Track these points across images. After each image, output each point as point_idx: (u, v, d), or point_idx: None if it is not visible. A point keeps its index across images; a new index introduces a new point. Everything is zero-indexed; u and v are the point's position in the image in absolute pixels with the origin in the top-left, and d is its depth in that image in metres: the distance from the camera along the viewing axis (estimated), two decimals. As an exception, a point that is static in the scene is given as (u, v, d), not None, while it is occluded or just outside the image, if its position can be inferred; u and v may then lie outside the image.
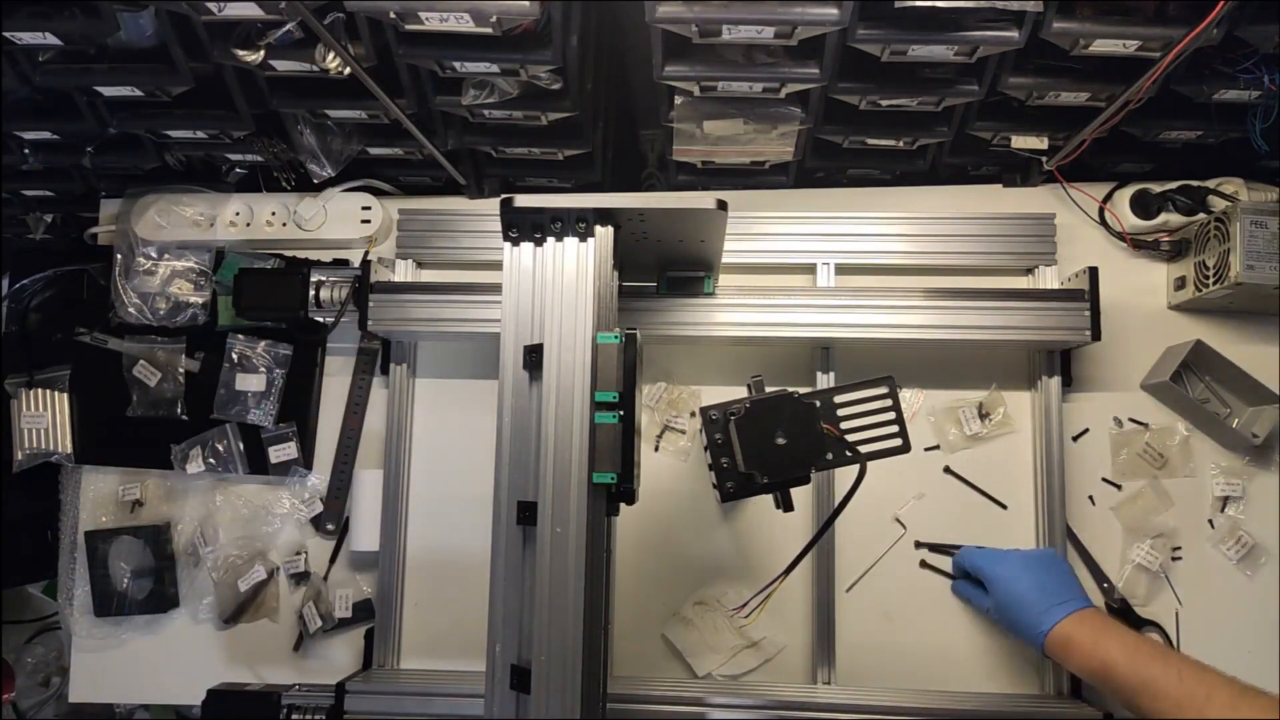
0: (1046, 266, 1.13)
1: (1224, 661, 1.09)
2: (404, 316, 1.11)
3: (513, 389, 0.83)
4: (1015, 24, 0.89)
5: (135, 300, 1.23)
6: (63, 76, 1.03)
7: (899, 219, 1.14)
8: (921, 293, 1.07)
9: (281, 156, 1.19)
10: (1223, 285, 1.05)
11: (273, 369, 1.22)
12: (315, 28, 0.89)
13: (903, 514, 1.13)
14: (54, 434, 1.24)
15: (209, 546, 1.20)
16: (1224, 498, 1.12)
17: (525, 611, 0.79)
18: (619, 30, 1.22)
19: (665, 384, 1.18)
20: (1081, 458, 1.13)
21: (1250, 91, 0.99)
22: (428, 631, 1.16)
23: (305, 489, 1.21)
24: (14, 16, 0.93)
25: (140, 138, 1.17)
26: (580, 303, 0.82)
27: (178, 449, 1.21)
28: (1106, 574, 1.11)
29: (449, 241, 1.18)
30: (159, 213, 1.24)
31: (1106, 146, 1.12)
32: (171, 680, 1.20)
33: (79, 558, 1.22)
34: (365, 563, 1.18)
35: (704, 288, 1.08)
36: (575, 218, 0.83)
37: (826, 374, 1.12)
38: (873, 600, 1.12)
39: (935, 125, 1.10)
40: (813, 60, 0.97)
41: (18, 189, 1.31)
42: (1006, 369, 1.15)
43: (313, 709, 1.04)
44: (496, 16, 0.88)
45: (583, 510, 0.78)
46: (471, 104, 1.04)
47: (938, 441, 1.15)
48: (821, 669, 1.09)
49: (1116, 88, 0.99)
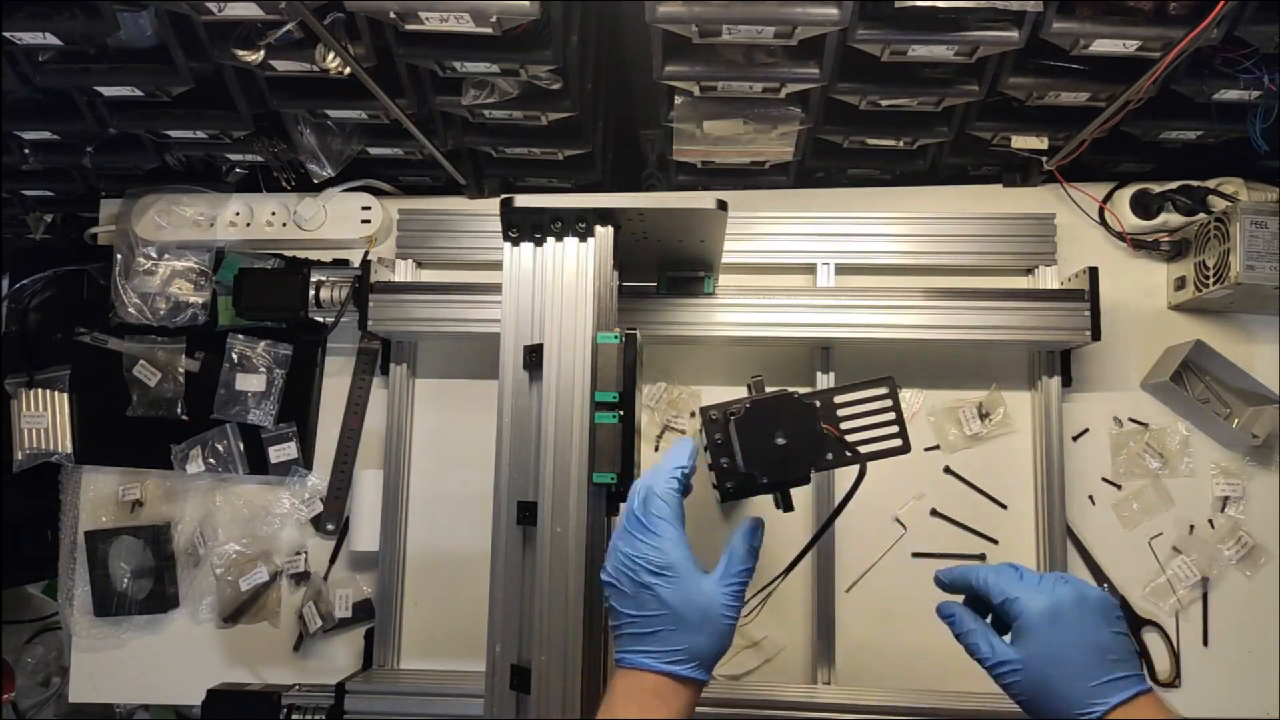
0: (1046, 266, 1.13)
1: (1224, 661, 1.09)
2: (404, 316, 1.11)
3: (513, 389, 0.83)
4: (1015, 24, 0.89)
5: (135, 300, 1.23)
6: (63, 76, 1.03)
7: (899, 219, 1.14)
8: (921, 293, 1.07)
9: (281, 156, 1.19)
10: (1223, 285, 1.05)
11: (273, 369, 1.22)
12: (315, 28, 0.89)
13: (903, 514, 1.13)
14: (54, 434, 1.24)
15: (211, 545, 1.20)
16: (1224, 498, 1.12)
17: (525, 611, 0.79)
18: (619, 30, 1.22)
19: (665, 384, 1.18)
20: (1081, 457, 1.13)
21: (1250, 91, 0.99)
22: (428, 631, 1.16)
23: (305, 489, 1.21)
24: (14, 16, 0.93)
25: (140, 138, 1.17)
26: (580, 303, 0.82)
27: (178, 449, 1.21)
28: (1107, 574, 1.11)
29: (449, 241, 1.18)
30: (159, 213, 1.24)
31: (1106, 146, 1.12)
32: (171, 680, 1.20)
33: (79, 558, 1.22)
34: (365, 563, 1.18)
35: (704, 288, 1.08)
36: (575, 218, 0.83)
37: (826, 374, 1.12)
38: (873, 600, 1.12)
39: (935, 125, 1.10)
40: (813, 60, 0.97)
41: (18, 189, 1.31)
42: (1006, 369, 1.15)
43: (313, 709, 1.04)
44: (496, 16, 0.88)
45: (583, 510, 0.78)
46: (471, 104, 1.04)
47: (938, 441, 1.15)
48: (821, 669, 1.09)
49: (1116, 88, 0.99)
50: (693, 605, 0.68)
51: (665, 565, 0.69)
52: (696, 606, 0.69)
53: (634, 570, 0.69)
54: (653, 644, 0.68)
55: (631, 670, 0.69)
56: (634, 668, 0.69)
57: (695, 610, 0.68)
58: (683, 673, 0.68)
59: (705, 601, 0.69)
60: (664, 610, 0.68)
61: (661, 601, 0.68)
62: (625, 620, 0.70)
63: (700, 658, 0.69)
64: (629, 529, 0.71)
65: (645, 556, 0.69)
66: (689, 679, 0.68)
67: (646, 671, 0.68)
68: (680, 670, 0.68)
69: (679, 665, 0.68)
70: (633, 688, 0.69)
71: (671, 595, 0.68)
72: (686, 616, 0.68)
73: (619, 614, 0.70)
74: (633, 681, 0.69)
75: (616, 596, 0.70)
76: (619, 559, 0.70)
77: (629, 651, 0.69)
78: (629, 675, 0.69)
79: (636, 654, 0.69)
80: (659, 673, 0.68)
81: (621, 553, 0.70)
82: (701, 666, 0.69)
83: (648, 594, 0.69)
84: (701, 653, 0.69)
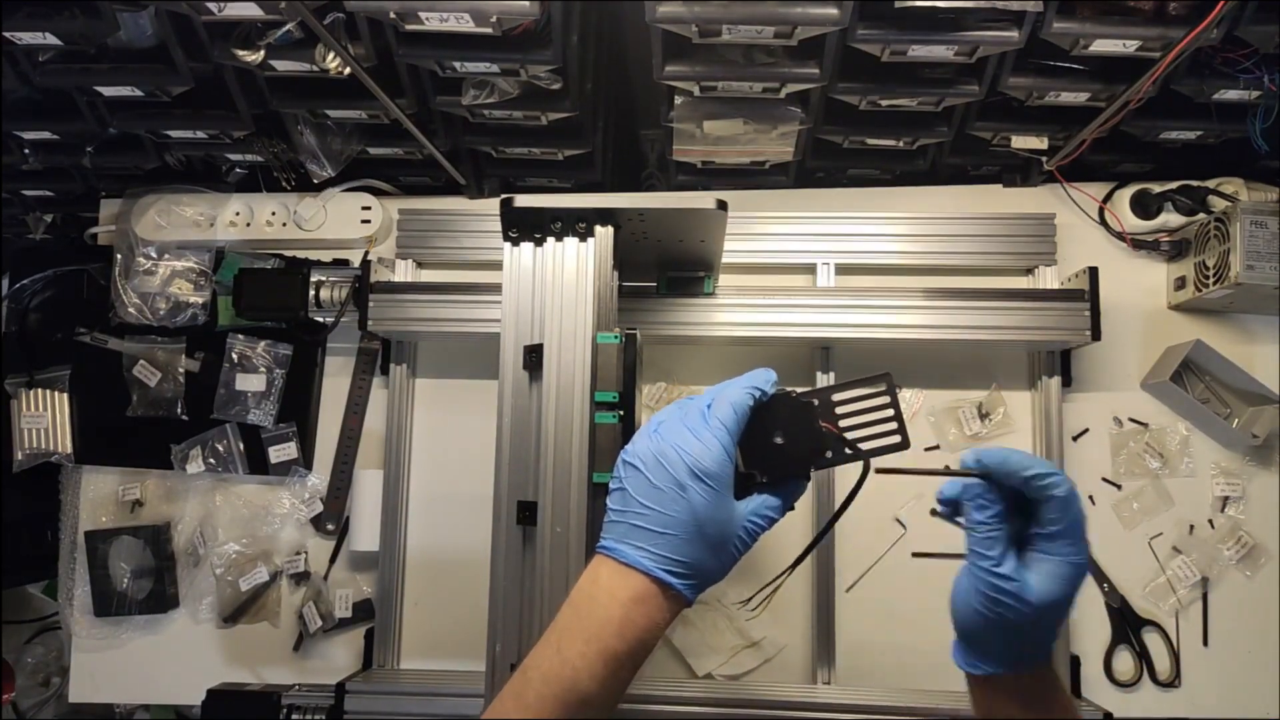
0: (1046, 266, 1.13)
1: (1224, 661, 1.09)
2: (404, 316, 1.11)
3: (513, 389, 0.83)
4: (1015, 24, 0.89)
5: (135, 300, 1.23)
6: (63, 76, 1.03)
7: (899, 219, 1.14)
8: (921, 293, 1.07)
9: (281, 156, 1.19)
10: (1223, 285, 1.05)
11: (273, 369, 1.22)
12: (315, 28, 0.89)
13: (903, 514, 1.13)
14: (54, 434, 1.24)
15: (211, 545, 1.20)
16: (1224, 498, 1.12)
17: (525, 611, 0.79)
18: (619, 30, 1.22)
19: (665, 384, 1.17)
20: (1081, 457, 1.13)
21: (1250, 91, 0.99)
22: (428, 631, 1.16)
23: (305, 489, 1.21)
24: (14, 16, 0.93)
25: (140, 138, 1.17)
26: (580, 303, 0.82)
27: (178, 449, 1.21)
28: (1107, 574, 1.11)
29: (449, 241, 1.18)
30: (159, 213, 1.24)
31: (1106, 146, 1.12)
32: (171, 680, 1.20)
33: (79, 558, 1.22)
34: (365, 563, 1.18)
35: (704, 288, 1.08)
36: (575, 218, 0.83)
37: (826, 374, 1.12)
38: (873, 600, 1.12)
39: (935, 125, 1.10)
40: (813, 60, 0.97)
41: (18, 189, 1.31)
42: (1006, 369, 1.15)
43: (313, 709, 1.04)
44: (496, 16, 0.88)
45: (583, 510, 0.78)
46: (471, 104, 1.04)
47: (938, 441, 1.14)
48: (821, 669, 1.09)
49: (1116, 88, 0.99)
50: (716, 523, 0.63)
51: (710, 472, 0.62)
52: (720, 526, 0.63)
53: (672, 463, 0.62)
54: (657, 544, 0.62)
55: (619, 565, 0.62)
56: (624, 562, 0.62)
57: (717, 528, 0.63)
58: (679, 586, 0.62)
59: (730, 526, 0.64)
60: (687, 516, 0.62)
61: (689, 506, 0.62)
62: (635, 510, 0.63)
63: (703, 578, 0.63)
64: (684, 422, 0.64)
65: (693, 454, 0.63)
66: (679, 595, 0.63)
67: (635, 570, 0.62)
68: (677, 583, 0.62)
69: (678, 578, 0.62)
70: (616, 584, 0.62)
71: (703, 505, 0.62)
72: (708, 531, 0.62)
73: (628, 499, 0.63)
74: (617, 578, 0.62)
75: (635, 481, 0.63)
76: (658, 445, 0.63)
77: (625, 543, 0.63)
78: (614, 569, 0.63)
79: (633, 548, 0.62)
80: (651, 576, 0.62)
81: (666, 440, 0.63)
82: (698, 587, 0.64)
83: (677, 492, 0.62)
84: (706, 573, 0.63)
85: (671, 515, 0.62)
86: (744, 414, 0.67)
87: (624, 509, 0.64)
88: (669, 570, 0.62)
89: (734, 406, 0.66)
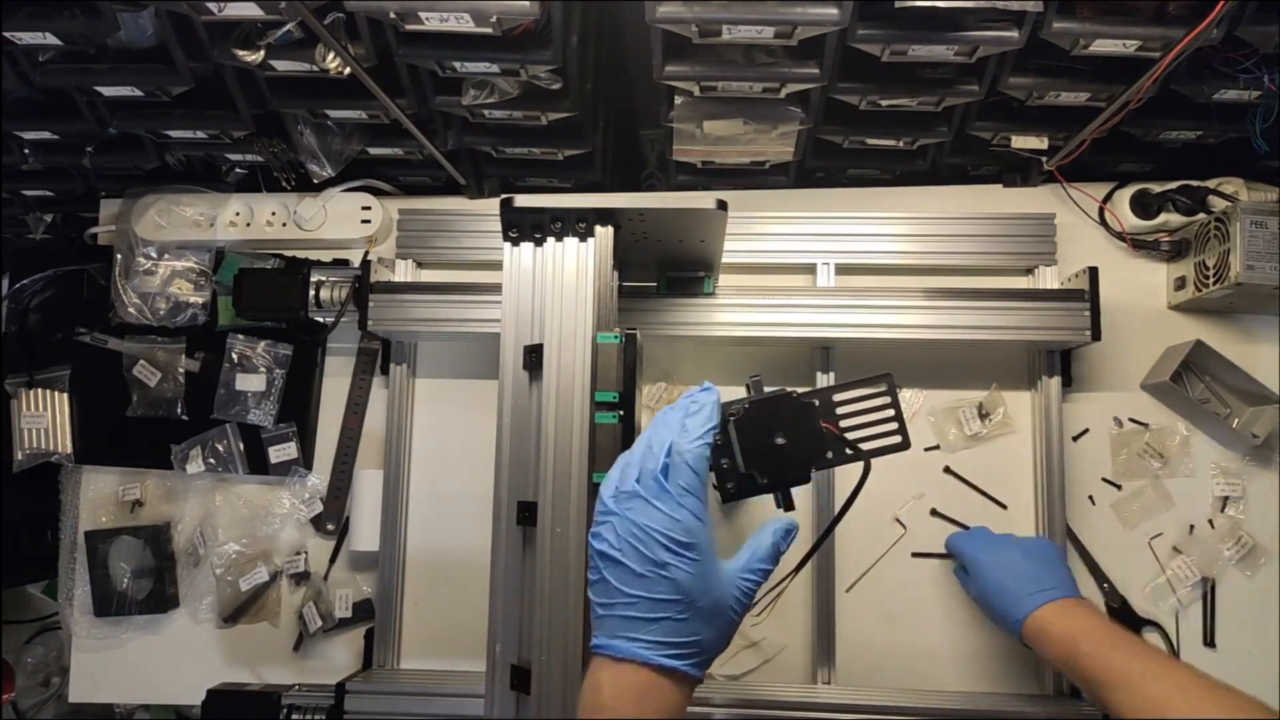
0: (1046, 266, 1.13)
1: (1224, 661, 1.09)
2: (404, 316, 1.11)
3: (513, 389, 0.83)
4: (1015, 24, 0.89)
5: (135, 300, 1.23)
6: (63, 76, 1.03)
7: (899, 219, 1.14)
8: (921, 293, 1.07)
9: (281, 156, 1.19)
10: (1223, 285, 1.05)
11: (273, 369, 1.22)
12: (315, 28, 0.89)
13: (903, 514, 1.13)
14: (54, 434, 1.24)
15: (211, 545, 1.20)
16: (1224, 498, 1.12)
17: (525, 611, 0.79)
18: (619, 30, 1.22)
19: (665, 384, 1.17)
20: (1081, 458, 1.13)
21: (1250, 91, 0.99)
22: (428, 631, 1.16)
23: (305, 489, 1.21)
24: (14, 16, 0.93)
25: (140, 138, 1.17)
26: (580, 303, 0.82)
27: (178, 449, 1.21)
28: (1106, 574, 1.11)
29: (449, 241, 1.18)
30: (159, 213, 1.24)
31: (1106, 146, 1.12)
32: (171, 680, 1.20)
33: (79, 558, 1.22)
34: (365, 563, 1.18)
35: (704, 288, 1.08)
36: (575, 218, 0.83)
37: (826, 374, 1.12)
38: (873, 600, 1.12)
39: (935, 125, 1.10)
40: (813, 60, 0.97)
41: (18, 189, 1.31)
42: (1006, 369, 1.15)
43: (313, 709, 1.04)
44: (496, 16, 0.88)
45: (583, 510, 0.78)
46: (471, 104, 1.04)
47: (938, 441, 1.14)
48: (821, 669, 1.09)
49: (1116, 88, 0.99)
50: (708, 593, 0.60)
51: (688, 543, 0.60)
52: (712, 595, 0.61)
53: (647, 544, 0.59)
54: (652, 632, 0.59)
55: (616, 662, 0.60)
56: (625, 659, 0.59)
57: (710, 599, 0.61)
58: (683, 668, 0.60)
59: (721, 591, 0.62)
60: (676, 595, 0.59)
61: (675, 585, 0.59)
62: (622, 601, 0.60)
63: (706, 652, 0.61)
64: (644, 495, 0.61)
65: (665, 530, 0.60)
66: (686, 676, 0.60)
67: (637, 664, 0.59)
68: (681, 665, 0.60)
69: (682, 660, 0.60)
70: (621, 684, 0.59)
71: (690, 579, 0.59)
72: (700, 605, 0.60)
73: (613, 592, 0.60)
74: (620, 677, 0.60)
75: (614, 571, 0.60)
76: (628, 528, 0.60)
77: (619, 638, 0.60)
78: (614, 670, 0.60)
79: (626, 640, 0.60)
80: (653, 666, 0.59)
81: (632, 522, 0.60)
82: (704, 663, 0.62)
83: (659, 574, 0.59)
84: (708, 647, 0.61)
85: (660, 598, 0.60)
86: (705, 468, 0.65)
87: (610, 601, 0.61)
88: (669, 655, 0.60)
89: (693, 466, 0.63)
